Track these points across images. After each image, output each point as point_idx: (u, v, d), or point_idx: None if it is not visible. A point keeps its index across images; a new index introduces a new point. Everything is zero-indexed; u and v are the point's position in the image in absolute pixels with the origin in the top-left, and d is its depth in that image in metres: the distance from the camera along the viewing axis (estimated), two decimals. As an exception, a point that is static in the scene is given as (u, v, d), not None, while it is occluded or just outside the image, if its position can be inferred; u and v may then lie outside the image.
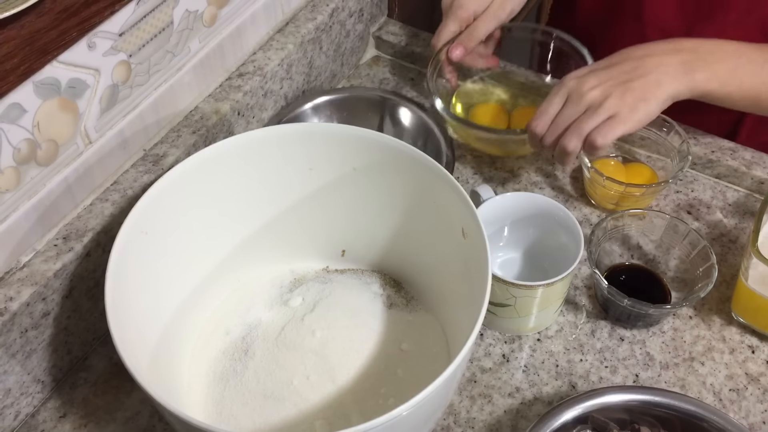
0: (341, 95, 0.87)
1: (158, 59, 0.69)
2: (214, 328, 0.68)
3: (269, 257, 0.72)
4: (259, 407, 0.62)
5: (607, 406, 0.62)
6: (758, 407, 0.68)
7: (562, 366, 0.71)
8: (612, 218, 0.74)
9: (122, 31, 0.64)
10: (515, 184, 0.85)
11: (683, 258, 0.74)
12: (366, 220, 0.70)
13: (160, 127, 0.73)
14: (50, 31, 0.56)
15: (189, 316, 0.67)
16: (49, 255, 0.64)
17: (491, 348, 0.72)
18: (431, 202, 0.65)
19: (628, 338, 0.73)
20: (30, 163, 0.61)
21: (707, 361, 0.71)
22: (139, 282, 0.59)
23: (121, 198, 0.68)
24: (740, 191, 0.85)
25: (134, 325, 0.57)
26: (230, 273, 0.70)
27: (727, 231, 0.81)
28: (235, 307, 0.70)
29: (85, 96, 0.63)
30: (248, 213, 0.69)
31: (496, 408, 0.68)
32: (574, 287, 0.76)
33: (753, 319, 0.72)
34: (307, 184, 0.69)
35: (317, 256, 0.73)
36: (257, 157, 0.66)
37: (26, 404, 0.66)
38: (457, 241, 0.62)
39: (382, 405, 0.61)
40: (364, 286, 0.71)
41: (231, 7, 0.76)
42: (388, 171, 0.66)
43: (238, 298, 0.70)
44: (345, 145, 0.66)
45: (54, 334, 0.66)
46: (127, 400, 0.68)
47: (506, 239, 0.77)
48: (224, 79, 0.79)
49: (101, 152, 0.67)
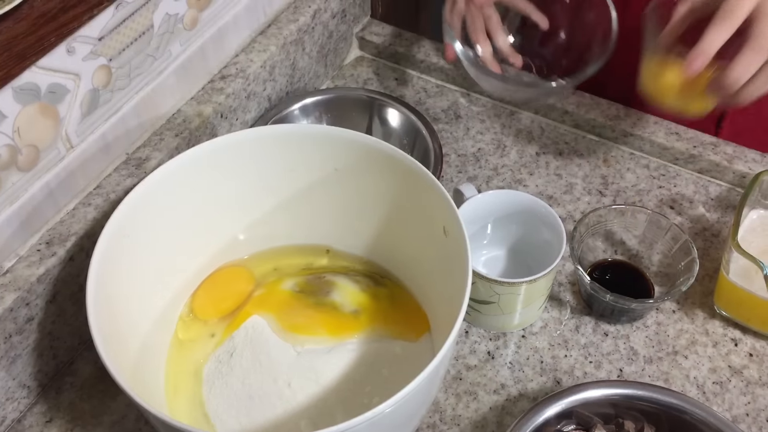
0: (329, 96, 0.87)
1: (139, 63, 0.69)
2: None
3: (252, 258, 0.72)
4: (244, 408, 0.62)
5: (590, 400, 0.62)
6: (741, 399, 0.69)
7: (547, 362, 0.71)
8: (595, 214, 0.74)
9: (101, 36, 0.64)
10: (499, 182, 0.85)
11: (666, 253, 0.75)
12: (349, 219, 0.71)
13: (143, 130, 0.73)
14: (28, 36, 0.56)
15: (173, 318, 0.67)
16: (32, 260, 0.64)
17: (476, 345, 0.72)
18: (413, 201, 0.65)
19: (612, 333, 0.73)
20: (11, 168, 0.61)
21: (691, 355, 0.72)
22: (122, 286, 0.60)
23: (104, 202, 0.68)
24: (722, 185, 0.85)
25: (117, 328, 0.58)
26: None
27: (709, 225, 0.82)
28: (220, 309, 0.70)
29: (65, 101, 0.63)
30: (230, 214, 0.69)
31: (481, 405, 0.69)
32: (558, 284, 0.77)
33: (735, 312, 0.73)
34: (290, 185, 0.69)
35: (301, 255, 0.73)
36: (239, 159, 0.66)
37: (12, 410, 0.66)
38: (439, 240, 0.62)
39: (367, 404, 0.61)
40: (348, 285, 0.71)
41: (212, 9, 0.76)
42: (369, 171, 0.66)
43: (223, 300, 0.71)
44: (326, 146, 0.66)
45: (39, 339, 0.66)
46: (113, 404, 0.68)
47: (490, 237, 0.77)
48: (206, 81, 0.79)
49: (83, 157, 0.67)
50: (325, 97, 0.87)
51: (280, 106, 0.85)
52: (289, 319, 0.67)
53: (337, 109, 0.87)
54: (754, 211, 0.76)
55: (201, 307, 0.67)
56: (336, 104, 0.87)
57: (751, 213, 0.76)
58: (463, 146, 0.89)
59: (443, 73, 0.95)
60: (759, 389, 0.70)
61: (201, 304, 0.67)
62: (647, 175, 0.86)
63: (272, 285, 0.71)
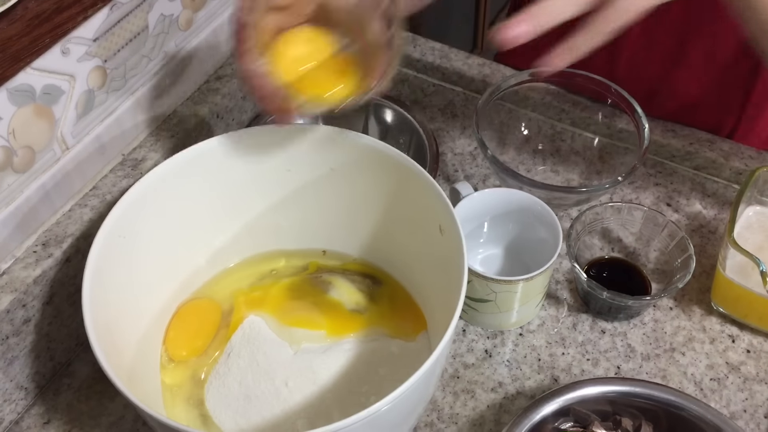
0: (324, 96, 0.87)
1: (134, 64, 0.69)
2: (196, 331, 0.68)
3: (248, 259, 0.72)
4: (241, 408, 0.62)
5: (588, 398, 0.62)
6: (739, 396, 0.69)
7: (545, 360, 0.71)
8: (591, 212, 0.74)
9: (96, 37, 0.64)
10: (496, 181, 0.85)
11: (662, 250, 0.75)
12: (345, 219, 0.71)
13: (139, 131, 0.73)
14: (23, 37, 0.56)
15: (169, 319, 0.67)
16: (28, 261, 0.64)
17: (474, 344, 0.72)
18: (409, 200, 0.65)
19: (609, 331, 0.73)
20: (6, 170, 0.61)
21: (688, 352, 0.72)
22: (118, 286, 0.59)
23: (100, 203, 0.68)
24: (719, 182, 0.85)
25: (114, 329, 0.58)
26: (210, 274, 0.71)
27: (706, 222, 0.82)
28: (217, 310, 0.70)
29: (60, 102, 0.63)
30: (226, 215, 0.69)
31: (479, 403, 0.69)
32: (555, 281, 0.77)
33: (732, 309, 0.73)
34: (286, 185, 0.69)
35: (298, 256, 0.73)
36: (234, 159, 0.66)
37: (9, 411, 0.66)
38: (435, 238, 0.62)
39: (364, 403, 0.61)
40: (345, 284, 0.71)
41: (207, 10, 0.76)
42: (365, 170, 0.66)
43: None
44: (322, 146, 0.66)
45: (36, 341, 0.66)
46: (110, 405, 0.68)
47: (486, 235, 0.77)
48: (202, 82, 0.80)
49: (79, 158, 0.67)
50: (321, 96, 0.87)
51: (276, 106, 0.85)
52: (286, 316, 0.67)
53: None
54: (751, 208, 0.76)
55: (175, 350, 0.65)
56: (332, 104, 0.87)
57: (748, 209, 0.76)
58: (459, 145, 0.89)
59: (439, 72, 0.95)
60: (756, 385, 0.70)
61: (174, 348, 0.65)
62: (644, 172, 0.86)
63: (269, 286, 0.71)
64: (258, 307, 0.69)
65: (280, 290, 0.70)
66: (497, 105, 0.84)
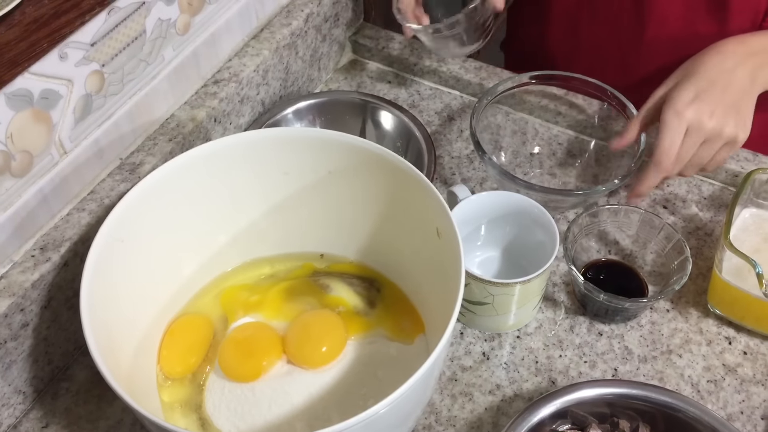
0: (323, 99, 0.87)
1: (132, 68, 0.69)
2: (194, 335, 0.68)
3: (246, 262, 0.73)
4: (240, 412, 0.62)
5: (585, 400, 0.63)
6: (735, 397, 0.69)
7: (542, 362, 0.72)
8: (588, 214, 0.75)
9: (94, 41, 0.64)
10: (493, 184, 0.86)
11: (659, 252, 0.75)
12: (343, 222, 0.71)
13: (136, 135, 0.74)
14: (20, 42, 0.57)
15: (168, 322, 0.67)
16: (26, 266, 0.64)
17: (471, 346, 0.73)
18: (406, 203, 0.65)
19: (606, 333, 0.74)
20: (4, 174, 0.61)
21: (685, 354, 0.72)
22: (116, 290, 0.60)
23: (98, 207, 0.68)
24: (715, 185, 0.86)
25: (112, 333, 0.58)
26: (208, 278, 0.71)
27: (702, 224, 0.82)
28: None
29: (58, 106, 0.63)
30: (224, 219, 0.69)
31: (477, 406, 0.69)
32: (552, 284, 0.77)
33: (728, 311, 0.73)
34: (283, 188, 0.69)
35: (295, 259, 0.74)
36: (233, 163, 0.66)
37: (8, 415, 0.66)
38: (433, 241, 0.63)
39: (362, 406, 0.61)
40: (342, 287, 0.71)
41: (204, 14, 0.76)
42: (363, 174, 0.66)
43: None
44: (319, 149, 0.66)
45: (34, 345, 0.66)
46: (109, 409, 0.68)
47: (484, 238, 0.77)
48: (200, 86, 0.80)
49: (77, 162, 0.67)
50: (318, 100, 0.87)
51: (273, 109, 0.85)
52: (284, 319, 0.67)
53: (331, 112, 0.87)
54: (747, 210, 0.77)
55: (170, 368, 0.65)
56: (329, 107, 0.87)
57: (744, 212, 0.77)
58: (456, 148, 0.89)
59: (436, 76, 0.95)
60: (753, 387, 0.70)
61: (169, 366, 0.65)
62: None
63: (266, 289, 0.71)
64: (255, 310, 0.69)
65: (278, 293, 0.70)
66: (494, 108, 0.84)
